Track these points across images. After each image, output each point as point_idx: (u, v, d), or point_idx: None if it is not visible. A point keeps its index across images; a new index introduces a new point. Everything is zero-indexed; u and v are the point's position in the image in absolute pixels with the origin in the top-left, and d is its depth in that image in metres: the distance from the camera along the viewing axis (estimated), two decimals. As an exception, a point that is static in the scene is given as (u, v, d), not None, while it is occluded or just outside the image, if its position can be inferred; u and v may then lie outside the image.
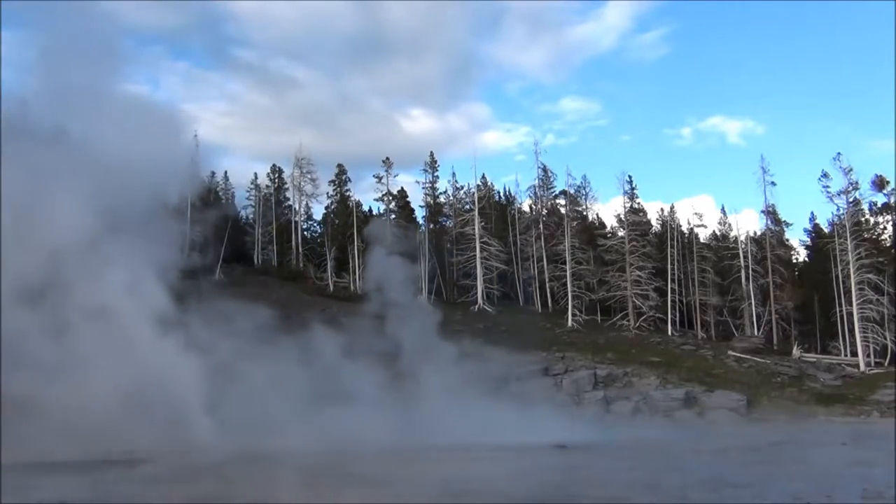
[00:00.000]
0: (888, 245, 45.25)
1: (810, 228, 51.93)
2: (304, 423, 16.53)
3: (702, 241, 51.04)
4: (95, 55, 18.88)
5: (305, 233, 53.56)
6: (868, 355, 39.45)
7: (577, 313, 43.38)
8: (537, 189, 51.19)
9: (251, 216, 53.70)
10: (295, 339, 19.98)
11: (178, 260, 19.24)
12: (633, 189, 49.34)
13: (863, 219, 45.42)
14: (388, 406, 18.80)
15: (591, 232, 49.57)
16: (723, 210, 53.23)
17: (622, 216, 48.93)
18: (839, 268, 42.03)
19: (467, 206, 50.05)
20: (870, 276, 40.45)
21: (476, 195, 48.85)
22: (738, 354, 39.30)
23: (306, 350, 19.58)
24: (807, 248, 53.45)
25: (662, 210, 53.27)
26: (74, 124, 18.12)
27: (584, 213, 53.05)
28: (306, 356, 19.21)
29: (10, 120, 16.76)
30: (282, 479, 12.10)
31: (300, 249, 50.27)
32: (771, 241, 47.95)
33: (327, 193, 51.84)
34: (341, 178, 51.70)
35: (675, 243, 47.65)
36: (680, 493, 9.70)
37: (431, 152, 51.68)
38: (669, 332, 44.01)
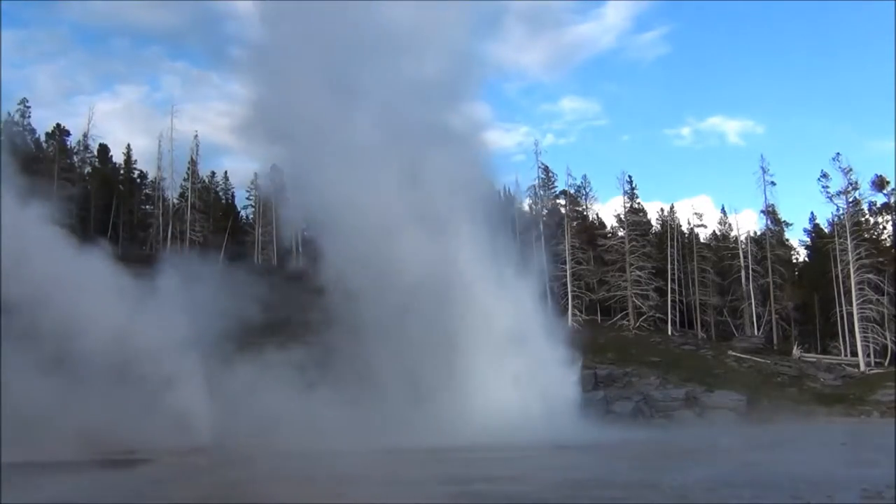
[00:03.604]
0: (888, 245, 45.28)
1: (810, 228, 52.05)
2: None
3: (702, 241, 51.10)
4: None
5: (306, 233, 53.50)
6: (868, 355, 39.46)
7: (577, 313, 43.38)
8: (537, 189, 51.21)
9: (251, 216, 53.71)
10: None
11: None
12: (633, 189, 49.45)
13: (863, 219, 45.48)
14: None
15: (591, 232, 49.59)
16: (723, 210, 53.39)
17: (622, 216, 48.97)
18: (839, 268, 42.05)
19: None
20: (870, 276, 40.47)
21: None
22: (738, 354, 39.33)
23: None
24: (807, 248, 53.53)
25: (662, 210, 53.41)
26: None
27: (584, 213, 53.06)
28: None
29: None
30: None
31: (300, 249, 50.19)
32: (771, 241, 48.00)
33: (328, 193, 51.72)
34: (341, 178, 51.62)
35: (675, 243, 47.68)
36: (680, 494, 9.70)
37: (431, 152, 51.61)
38: (669, 332, 44.03)
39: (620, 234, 48.25)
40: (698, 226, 51.36)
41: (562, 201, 50.83)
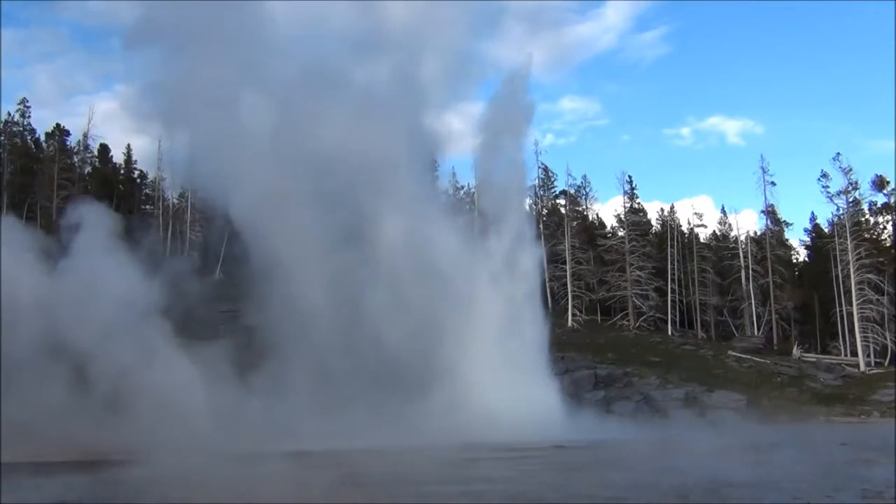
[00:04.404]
0: (888, 245, 45.31)
1: (810, 228, 52.12)
2: None
3: (702, 241, 51.10)
4: None
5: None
6: (868, 355, 39.46)
7: (577, 313, 43.37)
8: (537, 189, 51.24)
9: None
10: None
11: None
12: (632, 189, 49.50)
13: (863, 219, 45.51)
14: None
15: (591, 232, 49.63)
16: (723, 210, 53.42)
17: (622, 216, 48.99)
18: (839, 268, 42.06)
19: (467, 206, 50.00)
20: (870, 276, 40.48)
21: (476, 195, 48.76)
22: (738, 354, 39.33)
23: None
24: (807, 248, 53.58)
25: (662, 210, 53.47)
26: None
27: (584, 213, 53.08)
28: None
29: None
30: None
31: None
32: (771, 241, 48.00)
33: (327, 193, 51.62)
34: (341, 178, 51.56)
35: (675, 243, 47.69)
36: (680, 494, 9.70)
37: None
38: (669, 332, 44.03)
39: (620, 234, 48.27)
40: (698, 226, 51.48)
41: (562, 201, 50.93)
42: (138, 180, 51.44)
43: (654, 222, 52.93)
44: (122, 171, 50.91)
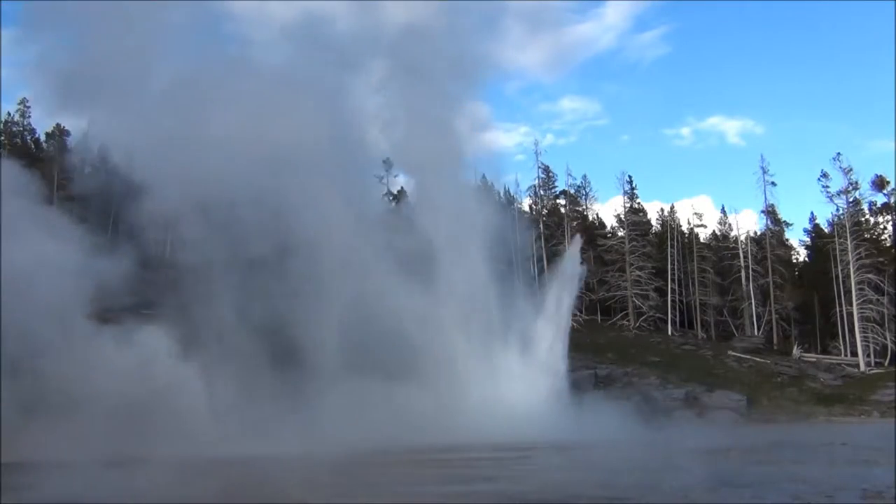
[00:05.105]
0: (888, 245, 45.33)
1: (810, 228, 52.12)
2: None
3: (702, 241, 51.11)
4: None
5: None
6: (868, 355, 39.49)
7: (577, 313, 43.33)
8: (538, 189, 51.23)
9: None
10: None
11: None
12: (632, 189, 49.51)
13: (863, 219, 45.54)
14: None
15: (591, 232, 49.60)
16: (723, 210, 53.44)
17: (622, 216, 48.99)
18: (839, 268, 42.09)
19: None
20: (870, 276, 40.51)
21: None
22: (738, 354, 39.35)
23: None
24: (807, 248, 53.57)
25: (662, 210, 53.46)
26: None
27: (584, 213, 53.07)
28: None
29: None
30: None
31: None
32: (771, 241, 48.02)
33: (327, 193, 51.53)
34: (341, 178, 51.45)
35: (675, 243, 47.69)
36: (680, 494, 9.70)
37: (431, 152, 51.48)
38: (669, 332, 44.04)
39: (620, 234, 48.28)
40: (698, 226, 51.48)
41: (562, 201, 50.88)
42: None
43: (654, 222, 52.95)
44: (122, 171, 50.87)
